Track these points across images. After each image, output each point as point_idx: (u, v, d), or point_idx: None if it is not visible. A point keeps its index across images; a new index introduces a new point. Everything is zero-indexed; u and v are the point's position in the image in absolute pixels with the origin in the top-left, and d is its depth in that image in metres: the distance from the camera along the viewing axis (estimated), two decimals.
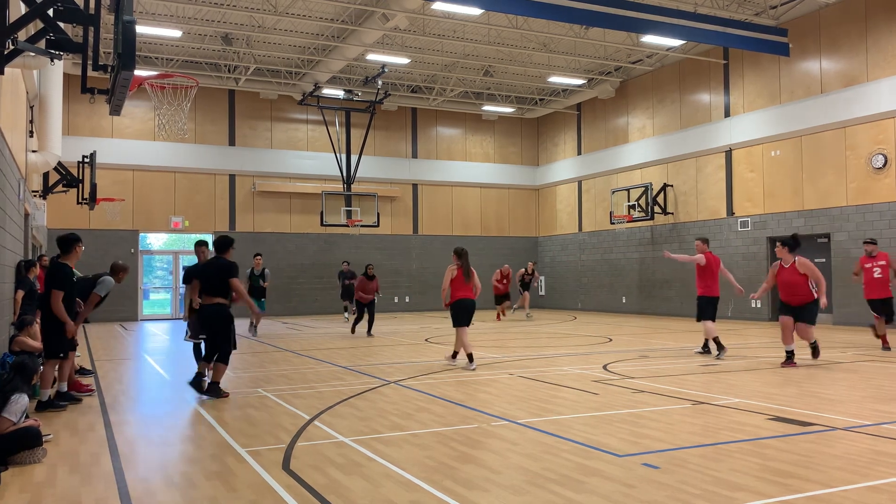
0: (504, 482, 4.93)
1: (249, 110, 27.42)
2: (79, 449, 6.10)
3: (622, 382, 9.36)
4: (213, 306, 8.63)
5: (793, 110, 20.53)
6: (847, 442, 5.97)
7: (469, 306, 10.99)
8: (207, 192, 26.70)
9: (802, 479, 4.87)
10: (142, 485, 5.03)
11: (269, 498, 4.67)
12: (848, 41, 19.18)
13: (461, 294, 10.91)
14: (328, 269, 27.93)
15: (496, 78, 27.06)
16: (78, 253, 8.29)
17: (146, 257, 26.50)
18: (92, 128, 24.80)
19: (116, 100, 7.81)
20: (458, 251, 11.06)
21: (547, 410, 7.54)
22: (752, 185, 21.89)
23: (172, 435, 6.69)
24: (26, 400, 6.02)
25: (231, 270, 8.69)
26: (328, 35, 22.32)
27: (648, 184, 25.15)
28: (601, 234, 28.27)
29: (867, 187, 18.63)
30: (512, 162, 32.09)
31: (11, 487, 4.99)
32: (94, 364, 12.14)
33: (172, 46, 23.39)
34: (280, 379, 10.09)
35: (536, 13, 17.01)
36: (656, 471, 5.13)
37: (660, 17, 17.97)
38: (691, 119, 24.21)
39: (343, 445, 6.04)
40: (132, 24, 6.53)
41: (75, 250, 8.24)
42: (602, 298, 28.05)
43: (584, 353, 12.79)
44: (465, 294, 10.90)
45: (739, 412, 7.25)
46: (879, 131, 18.37)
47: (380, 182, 29.14)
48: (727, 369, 10.53)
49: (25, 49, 7.15)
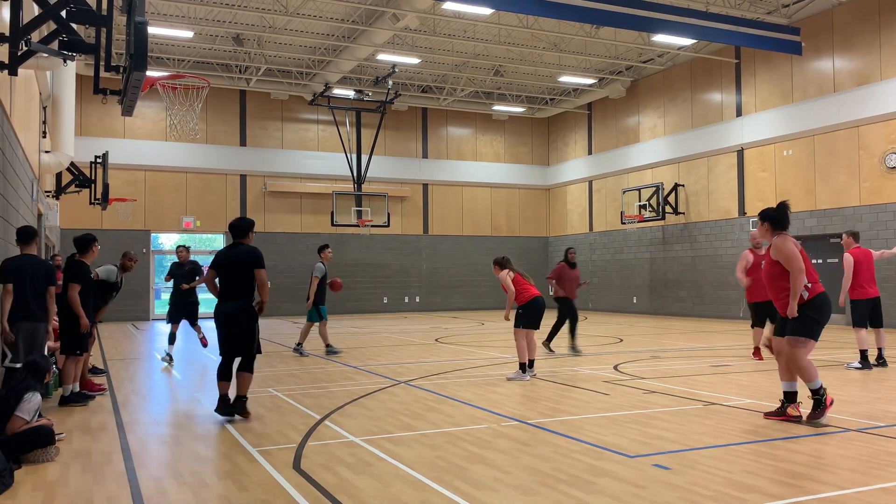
0: (514, 482, 4.92)
1: (260, 111, 27.51)
2: (91, 448, 6.13)
3: (633, 383, 9.33)
4: (232, 303, 7.19)
5: (805, 109, 20.40)
6: (860, 443, 5.92)
7: (543, 305, 10.07)
8: (218, 193, 26.80)
9: (815, 481, 4.84)
10: (154, 484, 5.06)
11: (280, 497, 4.69)
12: (861, 40, 19.04)
13: (533, 291, 9.95)
14: (339, 269, 27.95)
15: (507, 78, 27.03)
16: (94, 252, 8.60)
17: (158, 257, 26.62)
18: (104, 128, 24.94)
19: (128, 100, 7.85)
20: (503, 261, 10.11)
21: (557, 411, 7.53)
22: (764, 185, 21.77)
23: (184, 434, 6.72)
24: (39, 399, 6.06)
25: (256, 259, 7.19)
26: (338, 35, 22.36)
27: (659, 183, 25.06)
28: (612, 234, 28.19)
29: (880, 187, 18.49)
30: (522, 162, 32.04)
31: (25, 485, 5.03)
32: (107, 363, 12.21)
33: (184, 47, 23.49)
34: (290, 378, 10.12)
35: (547, 13, 16.98)
36: (667, 472, 5.11)
37: (671, 16, 17.90)
38: (703, 118, 24.10)
39: (353, 445, 6.05)
40: (144, 24, 6.56)
41: (92, 250, 8.52)
42: (613, 298, 27.97)
43: (595, 354, 12.75)
44: (536, 291, 9.97)
45: (751, 413, 7.20)
46: (893, 130, 18.23)
47: (390, 182, 29.16)
48: (739, 370, 10.47)
49: (39, 50, 7.20)
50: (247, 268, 7.16)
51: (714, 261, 23.46)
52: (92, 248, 8.50)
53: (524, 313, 9.88)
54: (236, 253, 7.27)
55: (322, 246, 13.89)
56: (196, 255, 26.87)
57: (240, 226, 7.42)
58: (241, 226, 7.42)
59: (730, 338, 15.85)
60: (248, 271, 7.15)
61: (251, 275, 7.15)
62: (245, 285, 7.18)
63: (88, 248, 8.48)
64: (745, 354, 12.15)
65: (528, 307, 9.88)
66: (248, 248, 7.30)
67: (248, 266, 7.16)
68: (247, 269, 7.16)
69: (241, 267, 7.18)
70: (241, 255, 7.22)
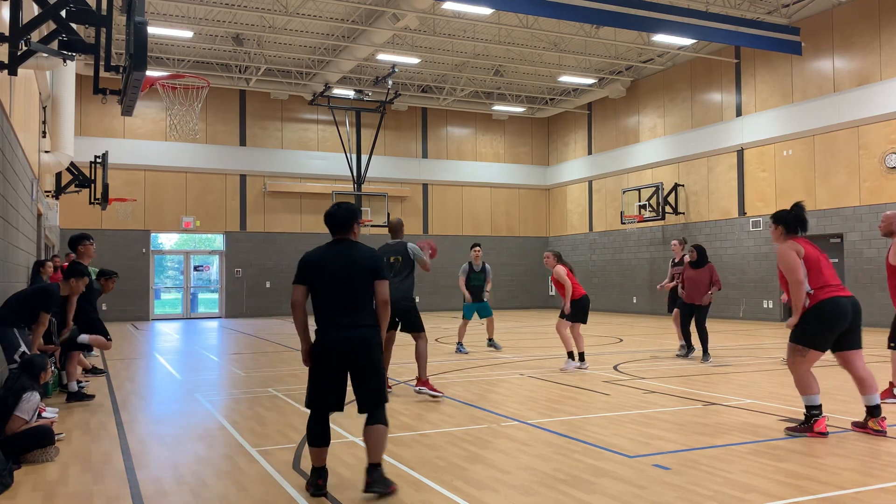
0: (514, 483, 4.92)
1: (260, 110, 27.51)
2: (91, 448, 6.13)
3: (633, 383, 9.33)
4: (344, 332, 4.76)
5: (805, 109, 20.40)
6: (860, 443, 5.92)
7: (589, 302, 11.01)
8: (218, 193, 26.80)
9: (815, 481, 4.84)
10: (153, 484, 5.05)
11: (280, 497, 4.69)
12: (861, 40, 19.05)
13: (583, 290, 10.90)
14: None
15: (506, 78, 27.03)
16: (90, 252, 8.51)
17: (157, 257, 26.62)
18: (104, 128, 24.94)
19: (128, 100, 7.85)
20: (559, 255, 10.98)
21: (557, 411, 7.53)
22: (764, 185, 21.77)
23: (184, 434, 6.71)
24: (38, 398, 6.06)
25: (376, 264, 4.88)
26: (338, 35, 22.36)
27: (659, 183, 25.06)
28: (612, 234, 28.19)
29: (880, 187, 18.49)
30: (522, 162, 32.04)
31: (25, 486, 5.03)
32: (106, 363, 12.21)
33: (183, 47, 23.49)
34: (290, 378, 10.12)
35: (547, 12, 16.98)
36: (667, 472, 5.11)
37: (671, 16, 17.91)
38: (703, 118, 24.11)
39: (353, 445, 6.05)
40: (144, 24, 6.56)
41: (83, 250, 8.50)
42: (613, 298, 27.97)
43: (595, 354, 12.75)
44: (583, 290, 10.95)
45: (751, 413, 7.21)
46: (893, 130, 18.23)
47: (390, 182, 29.16)
48: (739, 370, 10.47)
49: (38, 50, 7.20)
50: (363, 277, 4.82)
51: (714, 261, 23.32)
52: (80, 247, 8.49)
53: (578, 309, 10.69)
54: (345, 255, 4.85)
55: (472, 245, 14.14)
56: (196, 255, 27.02)
57: (341, 215, 4.97)
58: (342, 216, 4.98)
59: (729, 338, 15.84)
60: (366, 282, 4.83)
61: (369, 287, 4.84)
62: (361, 303, 4.81)
63: (78, 248, 8.50)
64: (744, 355, 12.15)
65: (581, 303, 10.69)
66: (362, 248, 4.93)
67: (364, 275, 4.82)
68: (363, 279, 4.82)
69: (355, 275, 4.81)
70: (354, 258, 4.84)
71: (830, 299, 6.16)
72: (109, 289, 9.99)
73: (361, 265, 4.81)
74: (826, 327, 6.17)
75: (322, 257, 4.86)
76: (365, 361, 4.76)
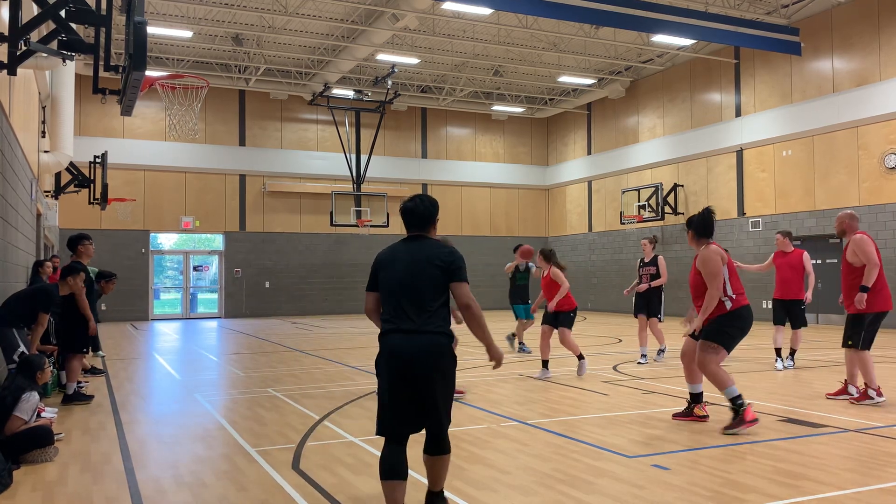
0: (513, 483, 4.92)
1: (260, 110, 27.50)
2: (90, 448, 6.13)
3: (632, 383, 9.33)
4: (410, 339, 4.11)
5: (804, 110, 20.41)
6: (858, 444, 5.93)
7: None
8: (218, 193, 26.79)
9: (813, 481, 4.84)
10: (152, 484, 5.05)
11: (279, 497, 4.69)
12: (860, 40, 19.06)
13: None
14: (338, 269, 28.00)
15: (506, 78, 27.03)
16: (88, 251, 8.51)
17: (157, 257, 26.61)
18: (103, 128, 24.93)
19: (128, 100, 7.85)
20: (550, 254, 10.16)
21: (556, 411, 7.53)
22: (764, 186, 21.78)
23: (183, 434, 6.71)
24: (37, 398, 6.06)
25: (456, 265, 4.26)
26: (338, 35, 22.36)
27: (659, 184, 25.07)
28: (611, 234, 28.19)
29: (880, 187, 18.50)
30: (522, 162, 32.04)
31: (24, 486, 5.03)
32: (105, 363, 12.20)
33: (183, 47, 23.48)
34: (290, 379, 10.12)
35: (547, 13, 16.98)
36: (666, 472, 5.11)
37: (670, 16, 17.90)
38: (702, 119, 24.11)
39: (353, 445, 6.05)
40: (143, 24, 6.56)
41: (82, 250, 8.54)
42: (612, 299, 27.96)
43: (594, 354, 12.75)
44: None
45: None
46: (892, 131, 18.24)
47: (389, 182, 29.16)
48: (737, 370, 10.46)
49: (38, 50, 7.20)
50: (432, 277, 4.19)
51: None
52: (79, 247, 8.50)
53: (573, 315, 10.15)
54: (414, 253, 4.27)
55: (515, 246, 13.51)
56: (195, 255, 27.00)
57: (422, 210, 4.38)
58: (424, 210, 4.38)
59: None
60: (435, 283, 4.20)
61: (441, 290, 4.21)
62: (428, 306, 4.16)
63: (78, 248, 8.51)
64: (744, 355, 12.16)
65: (575, 310, 10.19)
66: (437, 245, 4.31)
67: (434, 274, 4.19)
68: (432, 280, 4.19)
69: (422, 274, 4.19)
70: (425, 256, 4.24)
71: (748, 307, 6.67)
72: (109, 290, 9.99)
73: (431, 264, 4.18)
74: (740, 331, 6.63)
75: (393, 256, 4.29)
76: (425, 373, 4.07)
